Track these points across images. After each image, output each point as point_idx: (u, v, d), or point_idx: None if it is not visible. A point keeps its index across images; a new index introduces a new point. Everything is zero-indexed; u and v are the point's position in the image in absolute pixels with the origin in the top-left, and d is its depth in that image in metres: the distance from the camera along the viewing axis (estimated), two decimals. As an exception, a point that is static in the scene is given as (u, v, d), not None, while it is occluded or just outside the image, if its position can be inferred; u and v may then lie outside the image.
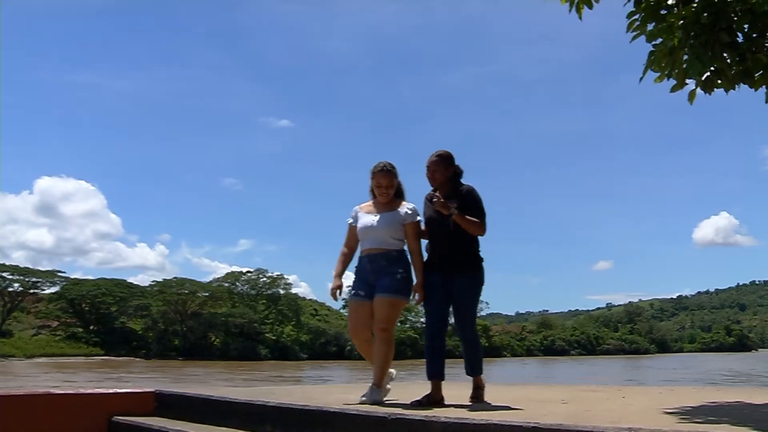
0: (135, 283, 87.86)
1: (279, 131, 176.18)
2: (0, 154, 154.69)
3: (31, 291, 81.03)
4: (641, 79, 4.28)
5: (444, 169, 5.20)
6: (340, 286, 5.38)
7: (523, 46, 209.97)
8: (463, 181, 5.29)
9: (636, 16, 4.20)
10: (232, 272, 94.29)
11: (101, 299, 79.72)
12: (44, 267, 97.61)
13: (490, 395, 5.36)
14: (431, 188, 5.29)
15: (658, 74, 4.19)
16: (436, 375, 5.15)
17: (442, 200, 5.00)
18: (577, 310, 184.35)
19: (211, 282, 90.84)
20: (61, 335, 77.46)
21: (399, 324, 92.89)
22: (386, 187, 5.33)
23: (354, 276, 5.43)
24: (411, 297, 5.23)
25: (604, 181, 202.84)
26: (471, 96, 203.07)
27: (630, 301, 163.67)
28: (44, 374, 44.62)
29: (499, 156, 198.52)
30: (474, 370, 5.29)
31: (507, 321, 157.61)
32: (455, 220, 4.99)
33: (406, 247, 5.34)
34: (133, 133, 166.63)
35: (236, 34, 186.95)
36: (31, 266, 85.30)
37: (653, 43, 4.14)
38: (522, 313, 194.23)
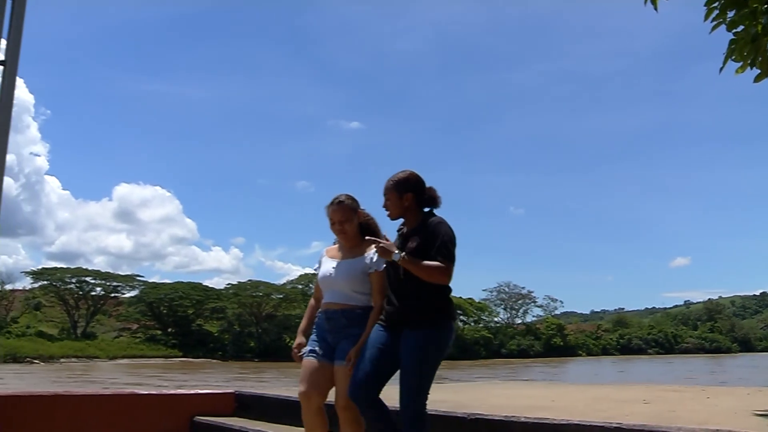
0: (210, 286, 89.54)
1: (349, 133, 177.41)
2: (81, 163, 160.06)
3: (112, 295, 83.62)
4: (721, 69, 4.13)
5: (397, 198, 4.15)
6: (302, 344, 4.42)
7: (592, 41, 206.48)
8: (440, 211, 4.24)
9: (715, 4, 4.05)
10: (306, 274, 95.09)
11: (178, 302, 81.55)
12: (124, 271, 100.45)
13: (568, 395, 5.26)
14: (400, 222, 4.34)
15: (740, 64, 4.04)
16: None
17: (381, 243, 4.02)
18: (654, 308, 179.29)
19: (284, 284, 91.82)
20: (141, 337, 79.73)
21: (472, 324, 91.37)
22: (340, 223, 4.33)
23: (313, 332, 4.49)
24: (346, 362, 4.12)
25: (680, 176, 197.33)
26: (540, 93, 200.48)
27: (709, 298, 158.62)
28: (127, 375, 46.00)
29: (571, 153, 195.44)
30: None
31: (582, 320, 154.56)
32: (402, 265, 3.96)
33: None
34: (206, 140, 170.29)
35: (304, 38, 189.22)
36: (111, 271, 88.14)
37: (734, 31, 3.99)
38: (597, 312, 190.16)
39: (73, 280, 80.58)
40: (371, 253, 4.22)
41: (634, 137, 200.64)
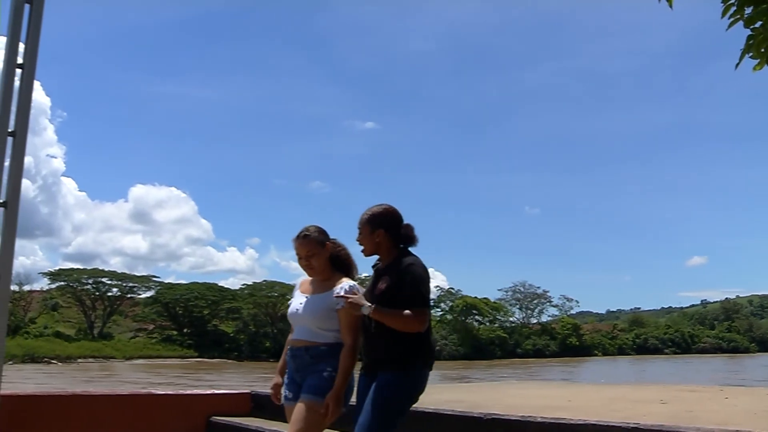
0: (226, 286, 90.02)
1: (364, 133, 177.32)
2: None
3: (128, 295, 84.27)
4: (737, 65, 4.08)
5: (369, 234, 3.94)
6: (279, 384, 4.23)
7: (605, 39, 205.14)
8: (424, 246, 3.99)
9: (732, 0, 4.02)
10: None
11: (194, 303, 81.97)
12: (140, 272, 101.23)
13: (584, 395, 5.23)
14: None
15: (758, 61, 4.00)
16: None
17: (350, 298, 3.77)
18: (671, 307, 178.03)
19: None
20: (157, 338, 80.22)
21: (487, 324, 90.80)
22: (306, 257, 4.09)
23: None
24: (323, 409, 3.84)
25: (696, 174, 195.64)
26: (554, 93, 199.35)
27: (727, 298, 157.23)
28: (153, 375, 46.29)
29: (586, 152, 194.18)
30: None
31: (597, 319, 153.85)
32: (373, 318, 3.73)
33: None
34: (221, 140, 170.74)
35: (318, 39, 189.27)
36: (127, 272, 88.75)
37: (752, 27, 3.95)
38: (613, 311, 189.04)
39: (90, 281, 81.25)
40: (339, 287, 3.97)
41: (650, 135, 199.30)
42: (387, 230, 3.92)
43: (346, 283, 4.00)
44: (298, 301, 4.16)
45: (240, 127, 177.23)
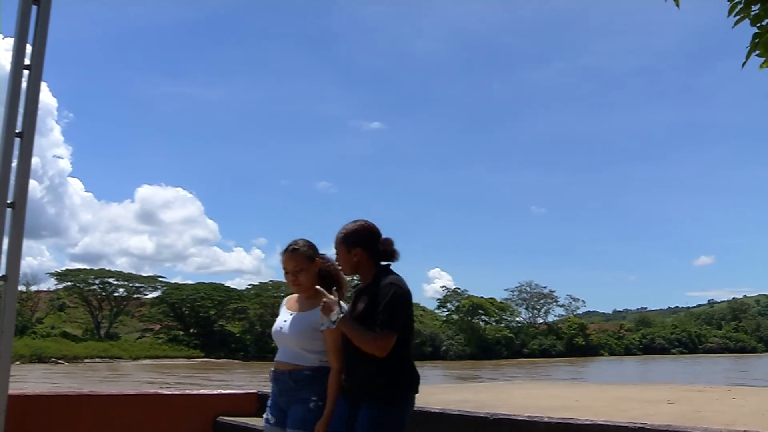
0: (232, 286, 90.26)
1: (370, 133, 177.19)
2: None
3: (135, 296, 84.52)
4: (744, 64, 4.07)
5: (345, 253, 3.72)
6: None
7: (612, 38, 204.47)
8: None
9: (739, -1, 4.00)
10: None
11: (200, 303, 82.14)
12: (146, 272, 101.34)
13: (592, 395, 5.22)
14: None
15: (764, 59, 3.99)
16: None
17: (326, 299, 3.63)
18: (677, 307, 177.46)
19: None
20: (164, 338, 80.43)
21: (494, 324, 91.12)
22: (293, 272, 3.88)
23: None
24: None
25: (703, 173, 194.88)
26: (561, 92, 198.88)
27: (734, 297, 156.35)
28: (157, 374, 46.46)
29: (593, 152, 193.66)
30: None
31: (604, 319, 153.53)
32: (340, 328, 3.55)
33: None
34: (227, 141, 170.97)
35: (325, 39, 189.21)
36: (134, 272, 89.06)
37: (758, 25, 3.94)
38: (619, 311, 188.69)
39: (97, 282, 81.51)
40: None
41: (657, 135, 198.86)
42: (364, 248, 3.70)
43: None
44: (282, 319, 3.97)
45: (246, 127, 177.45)
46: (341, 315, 3.52)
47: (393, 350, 3.44)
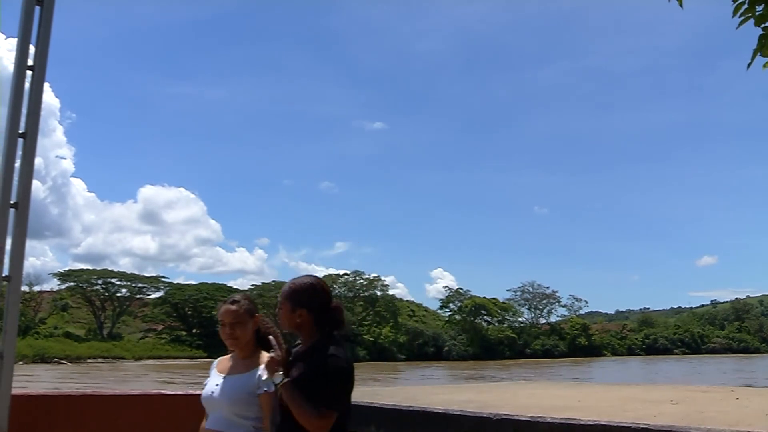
0: (235, 287, 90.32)
1: (373, 133, 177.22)
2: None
3: (138, 296, 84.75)
4: (749, 65, 4.07)
5: (289, 311, 3.33)
6: None
7: (616, 38, 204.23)
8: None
9: (743, -1, 4.00)
10: (330, 275, 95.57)
11: (203, 303, 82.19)
12: (149, 273, 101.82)
13: (595, 395, 5.22)
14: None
15: (769, 59, 3.98)
16: None
17: (275, 354, 3.26)
18: (680, 307, 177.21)
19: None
20: (166, 338, 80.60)
21: (496, 324, 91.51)
22: (230, 326, 3.59)
23: None
24: None
25: (706, 173, 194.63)
26: (564, 92, 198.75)
27: (737, 298, 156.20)
28: (154, 374, 46.53)
29: (596, 152, 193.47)
30: None
31: (607, 319, 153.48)
32: (281, 391, 3.17)
33: None
34: (230, 141, 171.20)
35: (327, 39, 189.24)
36: (137, 272, 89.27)
37: (763, 25, 3.94)
38: (622, 311, 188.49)
39: (99, 282, 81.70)
40: (263, 368, 3.33)
41: (660, 135, 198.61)
42: (310, 310, 3.30)
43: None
44: (213, 383, 3.61)
45: (249, 127, 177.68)
46: (287, 380, 3.16)
47: (332, 429, 3.12)
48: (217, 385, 3.57)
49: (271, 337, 3.34)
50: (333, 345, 3.21)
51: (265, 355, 3.41)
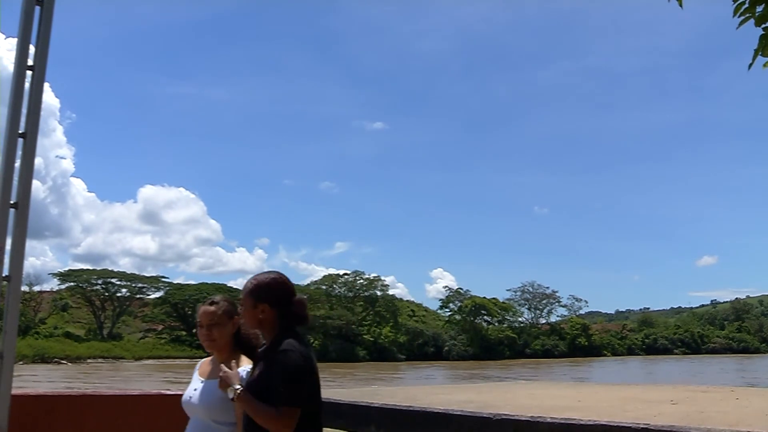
0: (235, 287, 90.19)
1: (373, 133, 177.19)
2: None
3: (138, 296, 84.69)
4: (750, 65, 4.06)
5: (251, 307, 3.30)
6: None
7: (617, 37, 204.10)
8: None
9: (743, -1, 3.99)
10: (330, 275, 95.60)
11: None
12: (149, 273, 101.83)
13: (595, 395, 5.21)
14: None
15: (769, 59, 3.98)
16: None
17: (223, 372, 3.26)
18: (680, 307, 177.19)
19: (308, 285, 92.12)
20: (166, 338, 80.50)
21: (496, 324, 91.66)
22: (208, 327, 3.56)
23: None
24: None
25: (707, 174, 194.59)
26: (565, 92, 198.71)
27: (737, 298, 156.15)
28: (154, 374, 46.52)
29: (596, 152, 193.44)
30: None
31: (607, 319, 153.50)
32: (238, 403, 3.16)
33: None
34: (231, 141, 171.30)
35: (328, 39, 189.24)
36: (137, 272, 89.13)
37: (763, 26, 3.93)
38: (622, 311, 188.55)
39: (99, 282, 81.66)
40: (241, 370, 3.34)
41: (660, 135, 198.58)
42: (273, 305, 3.26)
43: (243, 368, 3.36)
44: (192, 387, 3.58)
45: (249, 127, 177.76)
46: (239, 390, 3.13)
47: (300, 426, 3.05)
48: (195, 389, 3.54)
49: (222, 365, 3.32)
50: (288, 339, 3.15)
51: (244, 359, 3.43)
